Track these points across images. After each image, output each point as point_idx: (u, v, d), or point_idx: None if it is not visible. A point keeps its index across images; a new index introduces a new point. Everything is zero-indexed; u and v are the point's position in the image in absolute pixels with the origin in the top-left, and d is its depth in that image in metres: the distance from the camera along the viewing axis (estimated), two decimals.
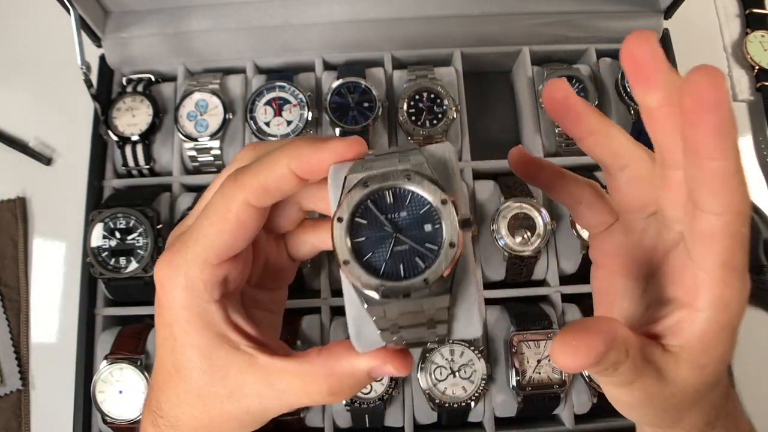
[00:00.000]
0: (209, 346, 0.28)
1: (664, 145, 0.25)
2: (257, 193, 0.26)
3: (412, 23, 0.65)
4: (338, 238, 0.23)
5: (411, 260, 0.23)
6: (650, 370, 0.24)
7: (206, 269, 0.27)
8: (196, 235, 0.27)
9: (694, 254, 0.24)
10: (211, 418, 0.29)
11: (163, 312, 0.28)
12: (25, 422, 0.63)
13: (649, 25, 0.66)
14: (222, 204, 0.26)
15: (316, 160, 0.25)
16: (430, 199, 0.22)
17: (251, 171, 0.26)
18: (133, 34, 0.65)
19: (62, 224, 0.68)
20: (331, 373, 0.27)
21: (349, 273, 0.22)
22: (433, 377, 0.55)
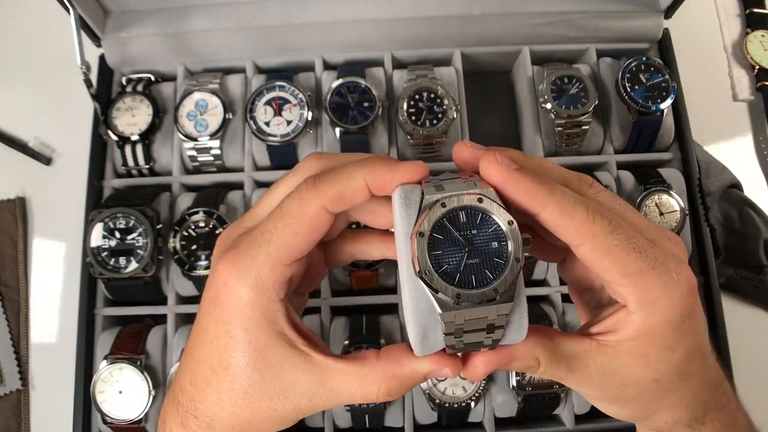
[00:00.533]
0: (268, 344, 0.29)
1: None
2: (334, 201, 0.28)
3: (412, 23, 0.65)
4: (419, 251, 0.26)
5: (481, 272, 0.26)
6: (576, 362, 0.29)
7: (277, 269, 0.28)
8: (269, 237, 0.28)
9: (598, 274, 0.28)
10: (253, 415, 0.29)
11: (221, 309, 0.29)
12: (25, 422, 0.63)
13: (649, 24, 0.66)
14: (299, 208, 0.28)
15: (390, 178, 0.28)
16: (498, 220, 0.26)
17: (330, 180, 0.28)
18: (132, 34, 0.65)
19: (62, 224, 0.68)
20: (392, 376, 0.29)
21: (429, 281, 0.25)
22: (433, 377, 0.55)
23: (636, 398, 0.29)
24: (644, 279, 0.27)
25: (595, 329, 0.29)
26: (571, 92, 0.63)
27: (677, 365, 0.28)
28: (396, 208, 0.28)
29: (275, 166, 0.64)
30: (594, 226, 0.26)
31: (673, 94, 0.62)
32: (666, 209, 0.60)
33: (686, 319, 0.28)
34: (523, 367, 0.29)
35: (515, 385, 0.55)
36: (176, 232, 0.58)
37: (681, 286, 0.27)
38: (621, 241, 0.26)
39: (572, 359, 0.29)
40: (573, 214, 0.26)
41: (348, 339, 0.56)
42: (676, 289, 0.27)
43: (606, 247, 0.26)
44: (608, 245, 0.26)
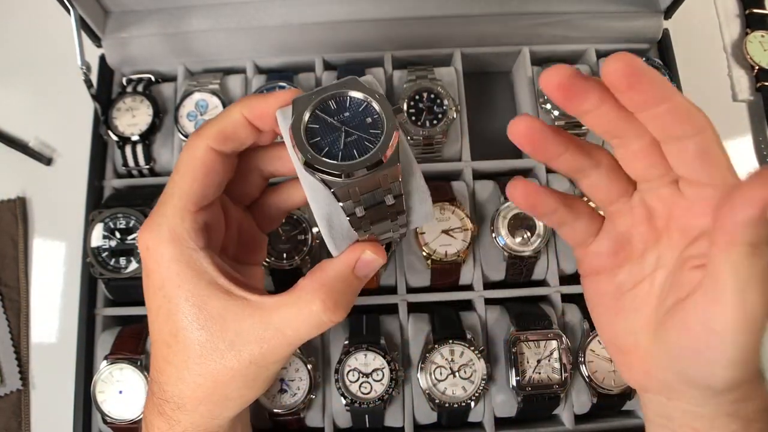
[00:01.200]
0: (203, 296, 0.28)
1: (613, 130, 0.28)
2: (217, 138, 0.29)
3: (412, 23, 0.65)
4: (297, 141, 0.27)
5: (362, 145, 0.27)
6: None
7: (187, 217, 0.29)
8: (170, 191, 0.29)
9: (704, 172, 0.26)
10: (214, 380, 0.29)
11: (152, 276, 0.29)
12: (25, 422, 0.63)
13: (649, 25, 0.66)
14: (188, 154, 0.29)
15: (264, 105, 0.29)
16: (364, 97, 0.27)
17: (209, 121, 0.30)
18: (133, 34, 0.65)
19: (62, 224, 0.68)
20: (319, 286, 0.29)
21: (314, 166, 0.26)
22: (432, 377, 0.55)
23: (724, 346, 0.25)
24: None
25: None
26: None
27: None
28: (280, 126, 0.30)
29: None
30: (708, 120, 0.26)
31: None
32: None
33: None
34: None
35: (515, 385, 0.55)
36: None
37: None
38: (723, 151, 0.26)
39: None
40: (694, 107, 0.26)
41: (348, 339, 0.56)
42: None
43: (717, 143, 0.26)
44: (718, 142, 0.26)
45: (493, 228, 0.59)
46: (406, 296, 0.59)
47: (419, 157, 0.63)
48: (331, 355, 0.57)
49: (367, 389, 0.55)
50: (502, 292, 0.60)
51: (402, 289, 0.60)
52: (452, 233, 0.58)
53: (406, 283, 0.60)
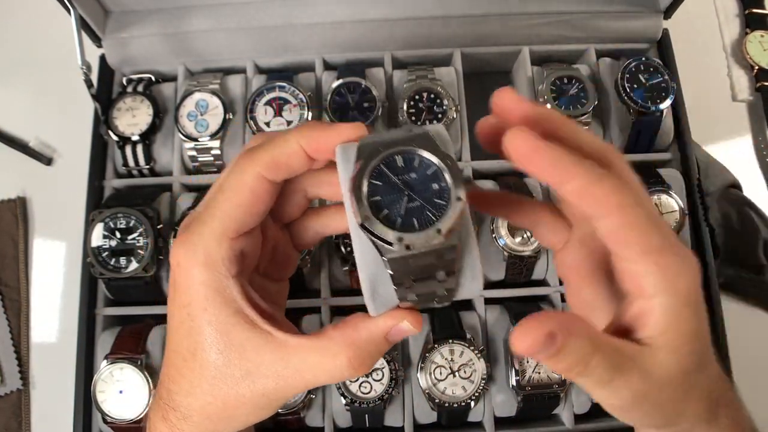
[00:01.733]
0: (227, 323, 0.28)
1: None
2: (269, 167, 0.28)
3: (412, 23, 0.65)
4: (357, 200, 0.25)
5: (423, 214, 0.25)
6: (630, 366, 0.25)
7: (224, 242, 0.28)
8: (212, 212, 0.28)
9: (616, 253, 0.26)
10: (224, 402, 0.29)
11: (180, 293, 0.29)
12: (26, 422, 0.63)
13: (648, 25, 0.66)
14: (236, 179, 0.28)
15: (325, 139, 0.28)
16: (435, 161, 0.25)
17: (264, 147, 0.28)
18: (133, 34, 0.65)
19: (62, 224, 0.68)
20: (350, 343, 0.28)
21: (370, 229, 0.25)
22: (432, 377, 0.55)
23: (669, 399, 0.27)
24: (665, 257, 0.25)
25: (624, 325, 0.27)
26: (570, 93, 0.63)
27: (701, 353, 0.27)
28: (338, 165, 0.28)
29: None
30: (622, 197, 0.25)
31: (672, 95, 0.62)
32: (665, 209, 0.60)
33: (700, 301, 0.26)
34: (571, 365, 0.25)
35: (515, 385, 0.55)
36: (176, 232, 0.58)
37: (692, 263, 0.26)
38: (645, 217, 0.25)
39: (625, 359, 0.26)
40: (602, 182, 0.25)
41: None
42: (690, 266, 0.26)
43: (632, 219, 0.25)
44: (635, 217, 0.25)
45: (493, 228, 0.59)
46: None
47: None
48: None
49: (367, 389, 0.55)
50: (501, 291, 0.60)
51: None
52: None
53: None
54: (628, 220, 0.25)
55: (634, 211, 0.25)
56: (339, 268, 0.59)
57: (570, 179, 0.25)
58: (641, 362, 0.26)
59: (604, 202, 0.25)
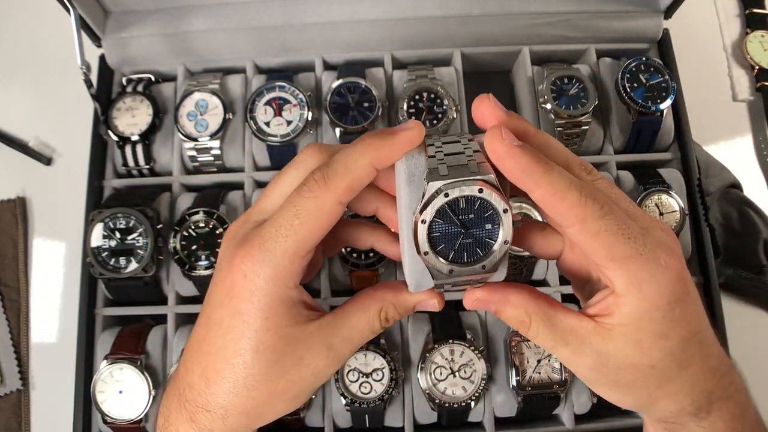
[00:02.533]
0: (287, 326, 0.30)
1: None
2: (346, 194, 0.29)
3: (412, 23, 0.65)
4: (421, 235, 0.28)
5: (473, 250, 0.29)
6: (578, 342, 0.29)
7: (296, 261, 0.29)
8: (285, 232, 0.29)
9: (588, 257, 0.29)
10: (270, 393, 0.31)
11: (239, 301, 0.30)
12: (25, 422, 0.63)
13: (649, 25, 0.66)
14: (314, 207, 0.29)
15: (391, 153, 0.30)
16: (495, 206, 0.28)
17: (339, 173, 0.29)
18: (133, 34, 0.65)
19: (62, 224, 0.68)
20: (390, 301, 0.32)
21: (426, 260, 0.29)
22: (433, 377, 0.55)
23: (633, 383, 0.30)
24: (631, 264, 0.27)
25: (591, 311, 0.30)
26: (570, 92, 0.63)
27: (673, 353, 0.28)
28: (400, 182, 0.30)
29: (275, 166, 0.64)
30: (585, 209, 0.27)
31: (672, 95, 0.62)
32: (666, 209, 0.60)
33: (676, 305, 0.28)
34: (514, 319, 0.31)
35: (515, 385, 0.55)
36: (176, 232, 0.58)
37: (668, 272, 0.28)
38: (611, 226, 0.27)
39: (568, 332, 0.30)
40: (565, 195, 0.27)
41: None
42: (663, 275, 0.27)
43: (595, 230, 0.27)
44: (597, 229, 0.27)
45: None
46: None
47: None
48: None
49: (367, 389, 0.55)
50: None
51: None
52: None
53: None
54: (591, 232, 0.27)
55: (596, 224, 0.27)
56: (339, 269, 0.59)
57: (537, 188, 0.27)
58: (594, 342, 0.29)
59: (567, 215, 0.27)
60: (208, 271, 0.57)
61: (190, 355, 0.32)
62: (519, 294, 0.30)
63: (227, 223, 0.58)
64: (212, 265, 0.57)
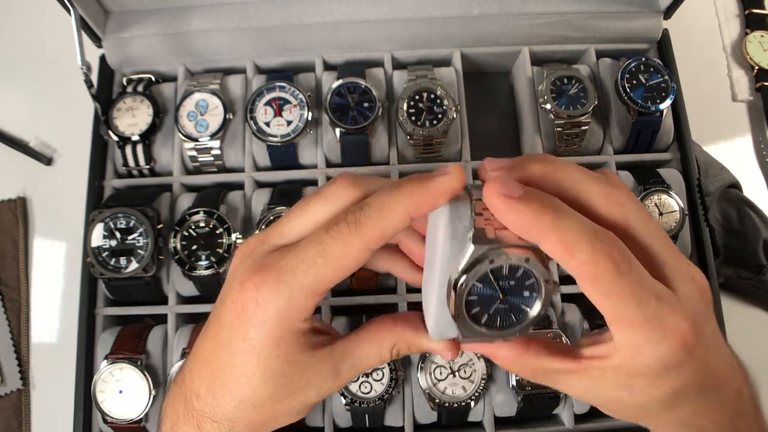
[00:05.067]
0: (295, 353, 0.30)
1: None
2: (377, 241, 0.28)
3: (412, 23, 0.65)
4: (458, 299, 0.27)
5: (507, 316, 0.29)
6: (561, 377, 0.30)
7: (312, 298, 0.29)
8: (306, 268, 0.28)
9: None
10: (274, 412, 0.31)
11: (249, 327, 0.29)
12: (26, 422, 0.63)
13: (648, 25, 0.66)
14: (341, 251, 0.28)
15: (432, 201, 0.28)
16: (537, 276, 0.27)
17: (371, 220, 0.28)
18: (133, 34, 0.65)
19: (62, 224, 0.68)
20: (405, 341, 0.32)
21: (458, 323, 0.28)
22: (432, 377, 0.55)
23: (622, 412, 0.31)
24: (634, 330, 0.26)
25: (587, 351, 0.30)
26: (570, 93, 0.63)
27: (663, 400, 0.28)
28: (440, 230, 0.29)
29: (275, 166, 0.64)
30: (596, 268, 0.25)
31: (672, 95, 0.62)
32: (665, 209, 0.60)
33: (672, 369, 0.27)
34: (503, 367, 0.32)
35: (515, 385, 0.55)
36: (177, 232, 0.58)
37: (671, 341, 0.26)
38: (623, 290, 0.25)
39: (557, 376, 0.30)
40: (575, 251, 0.25)
41: None
42: (665, 345, 0.26)
43: (605, 291, 0.26)
44: (607, 290, 0.26)
45: None
46: (406, 296, 0.59)
47: (419, 157, 0.63)
48: None
49: (367, 389, 0.55)
50: None
51: (402, 289, 0.60)
52: None
53: (406, 282, 0.60)
54: (601, 291, 0.26)
55: (608, 285, 0.25)
56: None
57: (544, 242, 0.26)
58: (582, 383, 0.30)
59: (578, 270, 0.26)
60: (208, 271, 0.57)
61: (197, 366, 0.32)
62: (507, 352, 0.31)
63: (227, 223, 0.58)
64: (212, 265, 0.57)
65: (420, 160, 0.64)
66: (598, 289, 0.26)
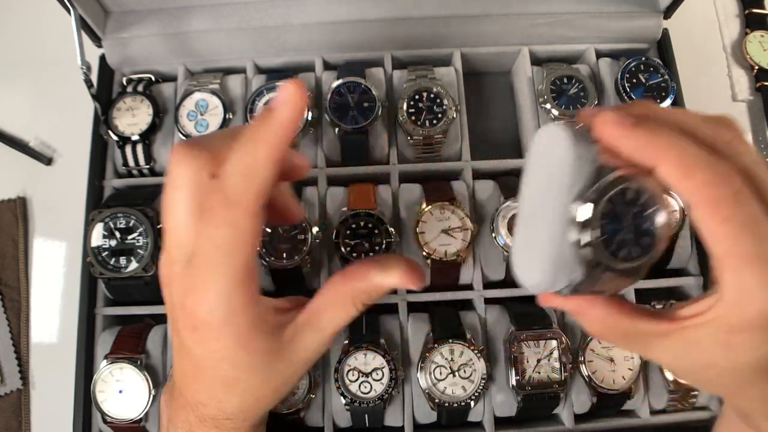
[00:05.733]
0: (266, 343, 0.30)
1: None
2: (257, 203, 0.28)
3: (412, 23, 0.65)
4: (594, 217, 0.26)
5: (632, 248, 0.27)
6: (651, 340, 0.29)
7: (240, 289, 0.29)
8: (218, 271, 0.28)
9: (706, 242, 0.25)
10: (276, 388, 0.32)
11: (207, 342, 0.30)
12: (26, 422, 0.63)
13: (648, 25, 0.66)
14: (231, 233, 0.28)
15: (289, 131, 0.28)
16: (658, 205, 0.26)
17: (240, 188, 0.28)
18: (133, 34, 0.65)
19: (62, 224, 0.68)
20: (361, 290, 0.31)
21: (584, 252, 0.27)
22: (432, 377, 0.55)
23: (713, 381, 0.29)
24: (748, 266, 0.24)
25: (685, 311, 0.28)
26: (570, 92, 0.63)
27: (759, 362, 0.26)
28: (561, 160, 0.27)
29: None
30: (716, 191, 0.24)
31: (672, 94, 0.62)
32: None
33: None
34: (591, 331, 0.31)
35: (515, 385, 0.55)
36: None
37: None
38: (741, 216, 0.24)
39: (648, 339, 0.29)
40: (695, 172, 0.24)
41: (348, 338, 0.56)
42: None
43: (722, 217, 0.24)
44: (724, 217, 0.24)
45: (493, 228, 0.59)
46: (406, 296, 0.59)
47: (419, 157, 0.63)
48: (331, 354, 0.57)
49: (366, 389, 0.55)
50: (501, 291, 0.60)
51: (402, 289, 0.60)
52: (452, 233, 0.58)
53: None
54: (718, 218, 0.24)
55: (727, 208, 0.24)
56: (339, 268, 0.59)
57: (661, 163, 0.24)
58: (676, 343, 0.28)
59: (695, 193, 0.24)
60: None
61: (187, 383, 0.32)
62: (600, 309, 0.29)
63: None
64: None
65: (420, 159, 0.64)
66: (715, 215, 0.24)
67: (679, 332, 0.28)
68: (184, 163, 0.29)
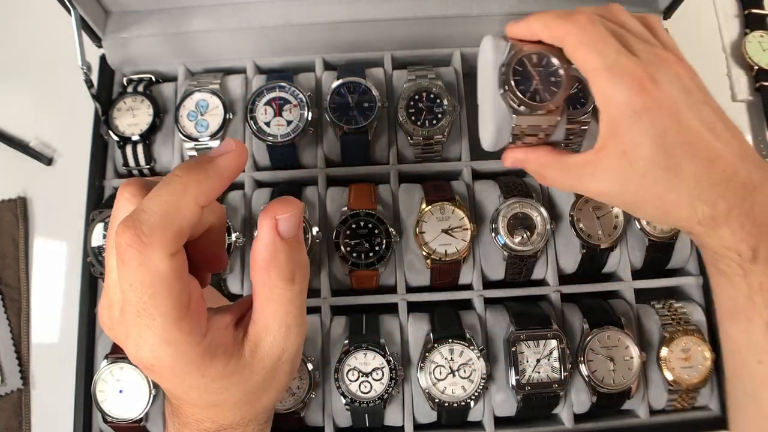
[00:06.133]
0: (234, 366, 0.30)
1: None
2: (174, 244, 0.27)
3: (412, 23, 0.65)
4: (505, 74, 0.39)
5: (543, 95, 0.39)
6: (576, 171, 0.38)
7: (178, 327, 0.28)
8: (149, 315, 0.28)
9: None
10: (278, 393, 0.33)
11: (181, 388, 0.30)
12: (26, 421, 0.63)
13: None
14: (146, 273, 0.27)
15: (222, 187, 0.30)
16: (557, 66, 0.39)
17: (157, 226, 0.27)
18: (133, 34, 0.65)
19: (63, 224, 0.68)
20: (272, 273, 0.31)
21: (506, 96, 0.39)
22: (432, 376, 0.55)
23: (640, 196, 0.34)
24: (599, 76, 0.33)
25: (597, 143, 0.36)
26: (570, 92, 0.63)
27: (654, 159, 0.33)
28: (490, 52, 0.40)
29: (275, 166, 0.64)
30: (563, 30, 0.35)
31: None
32: None
33: (643, 114, 0.32)
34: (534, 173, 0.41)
35: (515, 385, 0.55)
36: None
37: (630, 84, 0.33)
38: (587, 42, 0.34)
39: (579, 170, 0.37)
40: (553, 26, 0.36)
41: (348, 338, 0.56)
42: (624, 87, 0.33)
43: (573, 45, 0.35)
44: (575, 44, 0.35)
45: (493, 227, 0.59)
46: (406, 296, 0.59)
47: (419, 157, 0.63)
48: (331, 354, 0.58)
49: (366, 388, 0.55)
50: (501, 291, 0.60)
51: (402, 289, 0.60)
52: (452, 233, 0.58)
53: (405, 282, 0.60)
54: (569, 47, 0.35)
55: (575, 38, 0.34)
56: (339, 268, 0.60)
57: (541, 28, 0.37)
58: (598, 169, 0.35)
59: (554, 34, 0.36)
60: None
61: (179, 406, 0.32)
62: (540, 152, 0.40)
63: (227, 223, 0.58)
64: None
65: (420, 160, 0.64)
66: (569, 48, 0.35)
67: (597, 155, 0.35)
68: (121, 198, 0.29)
